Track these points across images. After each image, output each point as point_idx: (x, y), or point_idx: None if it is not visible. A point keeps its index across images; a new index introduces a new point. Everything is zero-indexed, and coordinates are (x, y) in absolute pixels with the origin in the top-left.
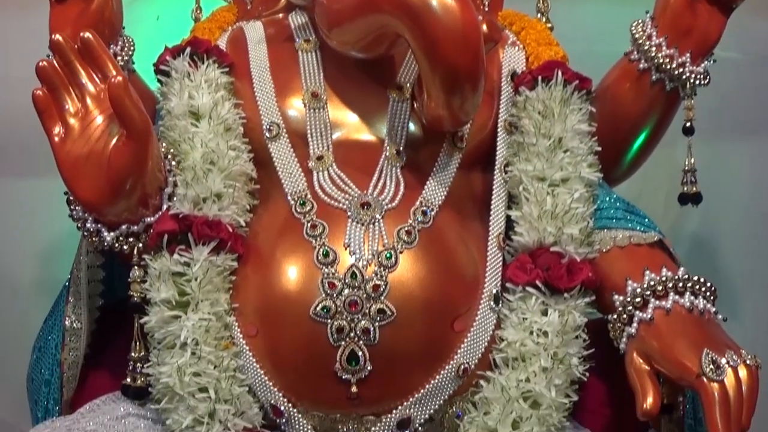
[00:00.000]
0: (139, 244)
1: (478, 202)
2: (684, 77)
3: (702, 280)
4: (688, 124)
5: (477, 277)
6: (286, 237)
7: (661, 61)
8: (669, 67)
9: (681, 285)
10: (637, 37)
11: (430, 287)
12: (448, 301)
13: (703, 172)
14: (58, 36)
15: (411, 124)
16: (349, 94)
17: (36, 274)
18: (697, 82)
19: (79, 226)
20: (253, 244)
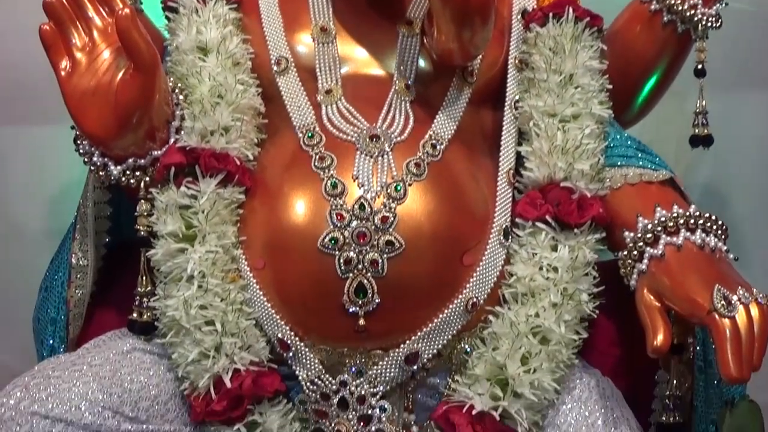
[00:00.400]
0: (146, 178)
1: (488, 138)
2: (696, 19)
3: (713, 217)
4: (700, 66)
5: (486, 212)
6: (294, 170)
7: (673, 2)
8: (681, 8)
9: (692, 222)
10: None
11: (439, 220)
12: (456, 235)
13: (714, 121)
14: None
15: (420, 60)
16: (358, 28)
17: (44, 223)
18: (709, 25)
19: (85, 160)
20: (260, 177)
